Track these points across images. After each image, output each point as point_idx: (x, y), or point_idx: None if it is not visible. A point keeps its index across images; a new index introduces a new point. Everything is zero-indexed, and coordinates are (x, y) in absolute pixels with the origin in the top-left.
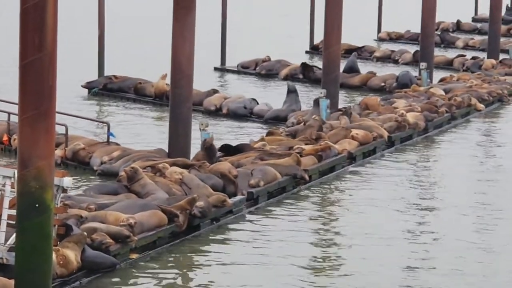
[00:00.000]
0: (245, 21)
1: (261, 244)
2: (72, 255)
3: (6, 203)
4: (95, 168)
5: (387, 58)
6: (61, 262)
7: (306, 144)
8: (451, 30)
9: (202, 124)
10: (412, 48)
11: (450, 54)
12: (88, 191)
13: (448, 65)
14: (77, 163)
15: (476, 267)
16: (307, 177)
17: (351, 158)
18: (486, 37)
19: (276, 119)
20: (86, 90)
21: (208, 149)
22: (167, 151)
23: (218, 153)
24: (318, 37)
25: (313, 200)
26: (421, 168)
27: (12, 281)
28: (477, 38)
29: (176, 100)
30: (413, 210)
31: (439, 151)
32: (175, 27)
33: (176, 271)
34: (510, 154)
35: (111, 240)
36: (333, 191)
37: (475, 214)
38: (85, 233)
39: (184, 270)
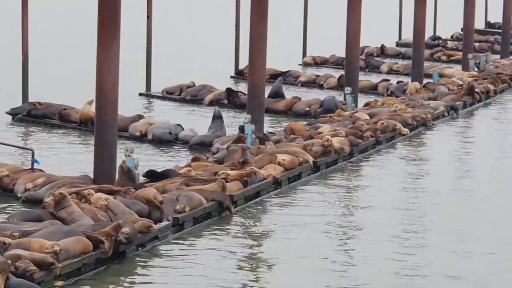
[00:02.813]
0: (170, 46)
1: (187, 269)
2: None
3: None
4: (19, 195)
5: (312, 83)
6: None
7: (231, 169)
8: (375, 54)
9: (127, 150)
10: (337, 73)
11: (375, 78)
12: (12, 218)
13: (372, 89)
14: (1, 190)
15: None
16: (233, 209)
17: (277, 183)
18: (410, 61)
19: (201, 145)
20: (10, 116)
21: (126, 174)
22: (92, 177)
23: (143, 179)
24: (243, 62)
25: (238, 225)
26: (347, 192)
27: None
28: (401, 62)
29: (101, 126)
30: (339, 233)
31: (365, 176)
32: (100, 53)
33: None
34: (434, 177)
35: (35, 268)
36: (259, 215)
37: (400, 237)
38: (9, 261)
39: None
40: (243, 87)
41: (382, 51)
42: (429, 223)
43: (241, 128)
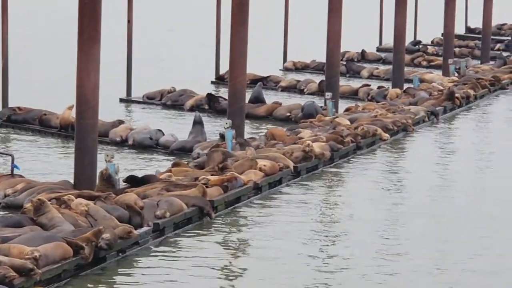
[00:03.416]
0: (151, 52)
1: (167, 275)
2: None
3: None
4: None
5: (293, 88)
6: None
7: (212, 174)
8: (356, 60)
9: (107, 156)
10: (317, 78)
11: (355, 83)
12: None
13: (353, 94)
14: None
15: None
16: (213, 215)
17: (257, 189)
18: (390, 66)
19: (181, 150)
20: None
21: (106, 179)
22: (72, 182)
23: (124, 184)
24: (224, 68)
25: (219, 230)
26: (327, 197)
27: None
28: (382, 67)
29: (81, 131)
30: (319, 238)
31: (345, 181)
32: (80, 58)
33: None
34: (415, 183)
35: (14, 274)
36: (239, 221)
37: (379, 242)
38: None
39: None
40: (223, 92)
41: (363, 56)
42: (409, 229)
43: (222, 136)
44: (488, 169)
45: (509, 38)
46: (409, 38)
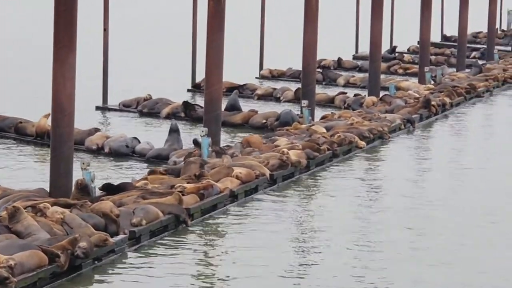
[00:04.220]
0: (127, 59)
1: (143, 283)
2: None
3: None
4: None
5: (269, 96)
6: None
7: (188, 182)
8: (332, 67)
9: (83, 164)
10: (294, 86)
11: (332, 91)
12: None
13: (329, 102)
14: None
15: None
16: (189, 222)
17: (233, 196)
18: (366, 74)
19: (157, 158)
20: None
21: (82, 189)
22: (48, 190)
23: (100, 192)
24: (200, 76)
25: (195, 238)
26: (303, 204)
27: None
28: (358, 75)
29: (57, 139)
30: (296, 245)
31: (321, 189)
32: (56, 66)
33: None
34: (391, 191)
35: None
36: (216, 228)
37: (356, 249)
38: None
39: None
40: (200, 100)
41: (339, 64)
42: (385, 238)
43: (195, 142)
44: (463, 177)
45: (485, 46)
46: (385, 46)
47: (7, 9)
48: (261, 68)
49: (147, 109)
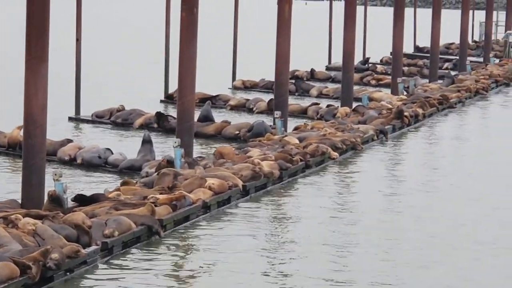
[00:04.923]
0: (100, 70)
1: None
2: None
3: None
4: None
5: (242, 107)
6: None
7: (161, 193)
8: (305, 78)
9: (55, 175)
10: (267, 97)
11: (305, 102)
12: None
13: (302, 113)
14: None
15: None
16: (162, 233)
17: (206, 207)
18: (339, 85)
19: (130, 169)
20: None
21: (54, 200)
22: (20, 202)
23: (72, 203)
24: (173, 86)
25: (168, 249)
26: (276, 216)
27: None
28: (331, 86)
29: (29, 151)
30: (268, 257)
31: (294, 200)
32: (28, 77)
33: None
34: (363, 202)
35: None
36: (189, 240)
37: (329, 260)
38: None
39: None
40: (172, 111)
41: (312, 75)
42: (358, 249)
43: (168, 161)
44: (435, 188)
45: (457, 57)
46: (358, 57)
47: None
48: (234, 79)
49: (120, 119)
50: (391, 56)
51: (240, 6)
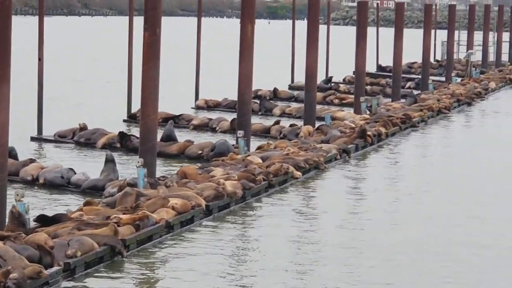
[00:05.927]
0: (62, 89)
1: None
2: None
3: None
4: None
5: (205, 126)
6: None
7: (124, 213)
8: (268, 98)
9: (17, 195)
10: (230, 116)
11: (268, 121)
12: None
13: (265, 132)
14: None
15: None
16: (125, 253)
17: (169, 227)
18: (302, 104)
19: (93, 189)
20: None
21: (16, 219)
22: None
23: (34, 224)
24: (136, 106)
25: (131, 269)
26: (239, 235)
27: None
28: (294, 105)
29: None
30: (231, 276)
31: (257, 219)
32: None
33: None
34: (326, 222)
35: None
36: (152, 260)
37: (290, 277)
38: None
39: None
40: (135, 130)
41: (275, 94)
42: (320, 267)
43: (130, 184)
44: (399, 206)
45: (419, 76)
46: (321, 76)
47: None
48: (196, 98)
49: (83, 139)
50: (353, 75)
51: (203, 25)
